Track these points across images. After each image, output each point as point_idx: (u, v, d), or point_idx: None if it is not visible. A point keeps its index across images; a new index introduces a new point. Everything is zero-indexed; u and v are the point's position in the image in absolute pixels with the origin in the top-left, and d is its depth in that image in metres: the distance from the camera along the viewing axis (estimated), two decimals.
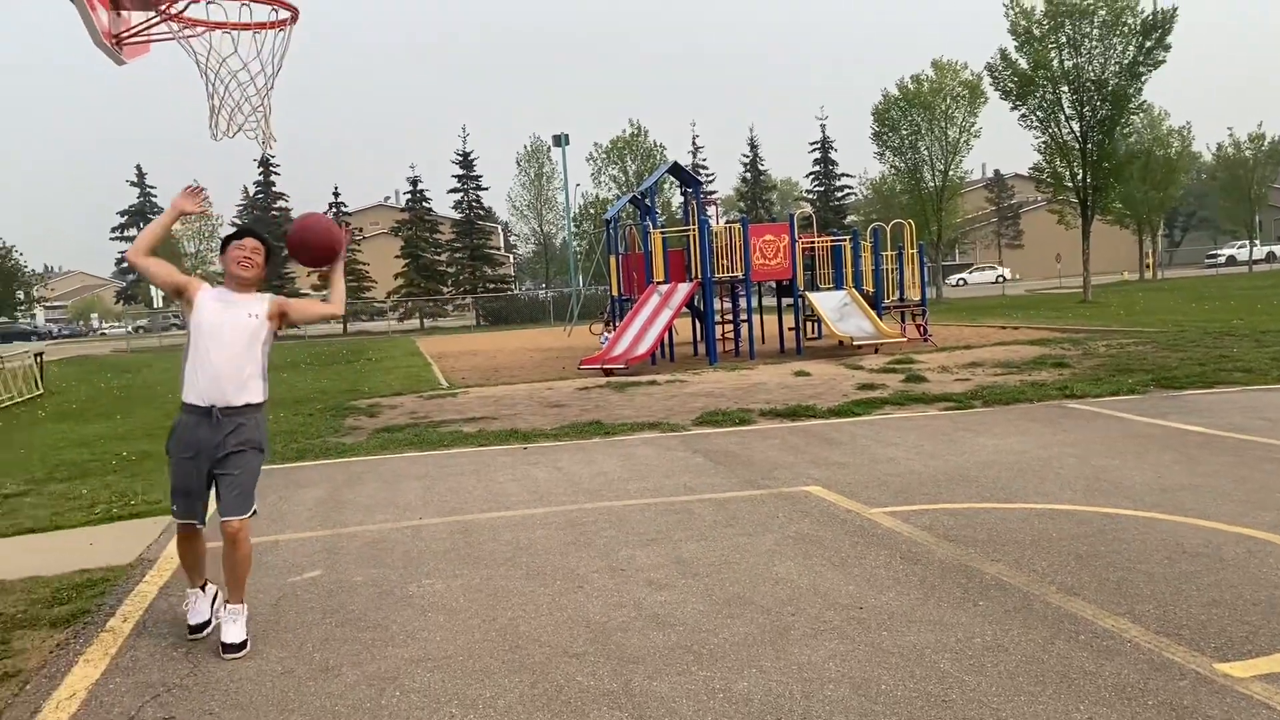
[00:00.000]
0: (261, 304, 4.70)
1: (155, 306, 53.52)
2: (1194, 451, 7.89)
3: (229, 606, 4.62)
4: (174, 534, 4.86)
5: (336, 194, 58.39)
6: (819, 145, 63.51)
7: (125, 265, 67.05)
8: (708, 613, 4.71)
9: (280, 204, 57.88)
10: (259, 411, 4.68)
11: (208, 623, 4.80)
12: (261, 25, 4.89)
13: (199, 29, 4.98)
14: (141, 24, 5.13)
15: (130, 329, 66.92)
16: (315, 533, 6.74)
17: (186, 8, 4.90)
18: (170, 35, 5.03)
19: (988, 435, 9.17)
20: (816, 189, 63.55)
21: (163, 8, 4.96)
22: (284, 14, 4.95)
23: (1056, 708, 3.52)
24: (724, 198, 73.33)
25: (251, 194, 58.06)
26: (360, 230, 60.69)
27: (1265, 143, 62.83)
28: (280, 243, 6.19)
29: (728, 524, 6.38)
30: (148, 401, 17.40)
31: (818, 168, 63.83)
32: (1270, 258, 67.22)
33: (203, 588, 4.87)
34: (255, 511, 4.68)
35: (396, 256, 57.86)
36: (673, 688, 3.88)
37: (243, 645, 4.50)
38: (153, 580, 5.79)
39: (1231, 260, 66.53)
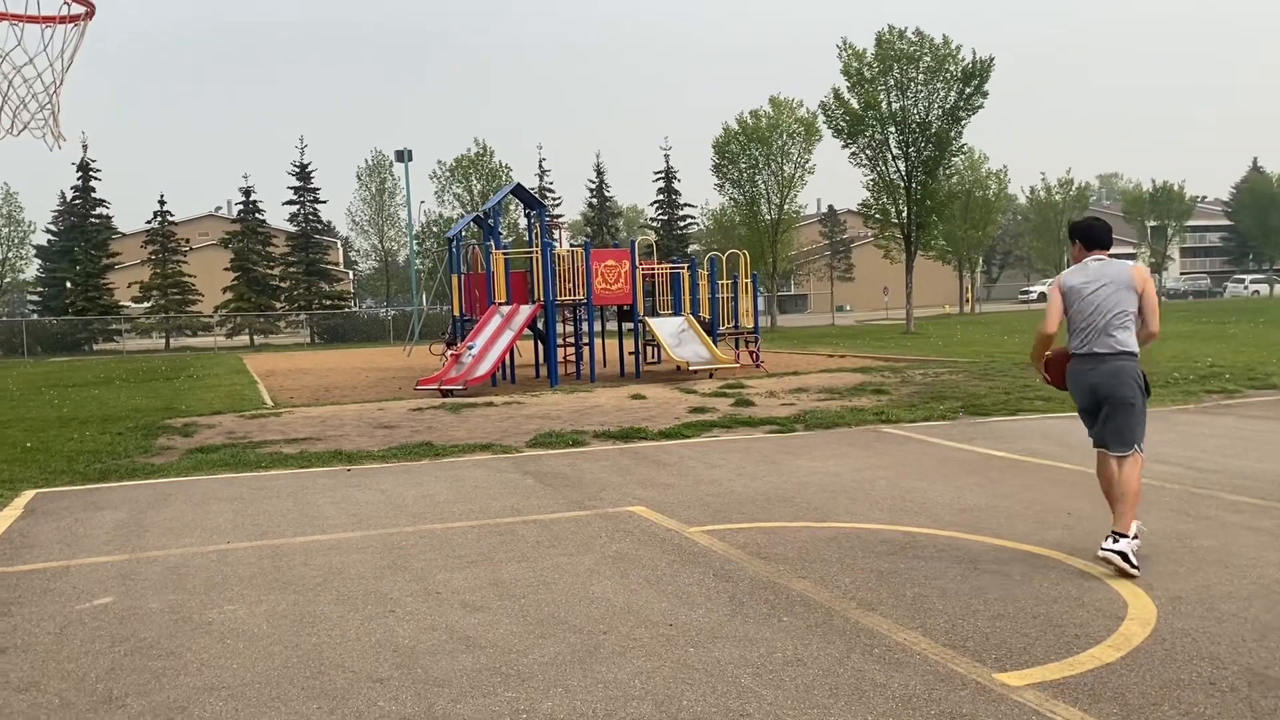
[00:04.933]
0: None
1: None
2: (995, 474, 8.37)
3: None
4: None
5: (162, 202, 55.11)
6: (663, 175, 64.61)
7: None
8: (520, 634, 4.68)
9: (101, 210, 54.55)
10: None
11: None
12: (52, 19, 4.60)
13: None
14: None
15: None
16: (111, 557, 6.36)
17: None
18: None
19: (806, 458, 9.49)
20: (660, 217, 64.55)
21: None
22: (79, 9, 4.68)
23: (847, 719, 3.66)
24: (572, 221, 73.67)
25: (69, 199, 54.46)
26: (187, 241, 57.69)
27: (1073, 188, 67.63)
28: None
29: (550, 545, 6.37)
30: None
31: (661, 196, 64.90)
32: None
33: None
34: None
35: (226, 269, 55.41)
36: (476, 710, 3.83)
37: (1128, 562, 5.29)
38: None
39: (1042, 296, 71.16)
